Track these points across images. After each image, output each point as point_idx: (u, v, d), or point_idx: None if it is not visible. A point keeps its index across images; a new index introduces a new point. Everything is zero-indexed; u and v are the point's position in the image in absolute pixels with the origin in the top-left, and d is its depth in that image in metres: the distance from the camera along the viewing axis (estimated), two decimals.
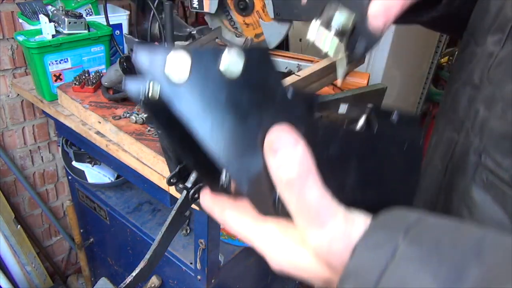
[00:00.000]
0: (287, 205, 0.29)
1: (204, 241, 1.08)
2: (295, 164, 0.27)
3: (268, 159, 0.28)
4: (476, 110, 0.49)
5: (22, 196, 1.68)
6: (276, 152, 0.28)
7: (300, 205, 0.28)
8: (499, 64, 0.46)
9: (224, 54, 0.26)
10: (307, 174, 0.28)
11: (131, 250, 1.46)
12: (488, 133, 0.46)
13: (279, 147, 0.27)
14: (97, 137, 1.08)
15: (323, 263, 0.29)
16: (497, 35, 0.47)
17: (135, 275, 0.40)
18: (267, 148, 0.28)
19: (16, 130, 1.54)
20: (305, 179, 0.28)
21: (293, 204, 0.28)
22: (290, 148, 0.27)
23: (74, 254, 1.97)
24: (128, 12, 1.42)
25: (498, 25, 0.47)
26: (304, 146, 0.28)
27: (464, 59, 0.53)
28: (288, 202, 0.29)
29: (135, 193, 1.48)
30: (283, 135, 0.28)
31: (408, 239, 0.26)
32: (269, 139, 0.28)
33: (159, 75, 0.26)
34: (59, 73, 1.21)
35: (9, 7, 1.34)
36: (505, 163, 0.44)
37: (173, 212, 0.41)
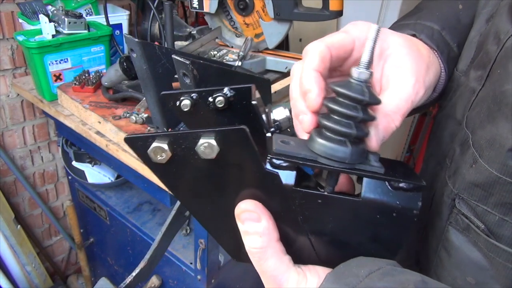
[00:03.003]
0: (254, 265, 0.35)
1: (204, 241, 1.08)
2: (255, 239, 0.33)
3: (238, 225, 0.34)
4: (454, 150, 0.47)
5: (22, 196, 1.68)
6: (243, 223, 0.33)
7: (259, 270, 0.35)
8: (477, 105, 0.43)
9: (202, 138, 0.29)
10: (266, 248, 0.33)
11: (131, 250, 1.46)
12: (461, 178, 0.44)
13: (244, 220, 0.33)
14: (97, 137, 1.08)
15: None
16: (479, 71, 0.44)
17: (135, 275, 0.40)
18: (237, 217, 0.34)
19: (16, 130, 1.54)
20: (264, 252, 0.33)
21: (255, 267, 0.35)
22: (255, 221, 0.33)
23: (74, 254, 1.97)
24: (128, 12, 1.42)
25: (481, 60, 0.45)
26: (268, 220, 0.33)
27: (448, 86, 0.51)
28: (253, 263, 0.35)
29: (135, 193, 1.48)
30: (248, 212, 0.33)
31: None
32: (238, 211, 0.34)
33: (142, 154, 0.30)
34: (59, 73, 1.21)
35: (9, 7, 1.34)
36: (478, 210, 0.43)
37: (173, 212, 0.41)
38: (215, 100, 0.36)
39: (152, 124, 1.01)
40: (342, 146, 0.32)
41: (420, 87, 0.39)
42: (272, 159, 0.32)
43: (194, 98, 0.37)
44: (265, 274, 0.34)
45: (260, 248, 0.33)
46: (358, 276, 0.31)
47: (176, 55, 0.45)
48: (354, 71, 0.32)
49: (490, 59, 0.42)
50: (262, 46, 1.22)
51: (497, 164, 0.39)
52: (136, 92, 1.09)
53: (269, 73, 1.22)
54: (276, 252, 0.34)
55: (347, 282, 0.31)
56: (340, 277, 0.33)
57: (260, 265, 0.34)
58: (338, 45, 0.38)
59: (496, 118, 0.39)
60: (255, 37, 1.23)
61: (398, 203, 0.34)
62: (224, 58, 1.15)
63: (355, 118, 0.32)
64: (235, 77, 0.47)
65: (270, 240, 0.33)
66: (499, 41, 0.41)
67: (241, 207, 0.33)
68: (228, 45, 1.27)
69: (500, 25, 0.42)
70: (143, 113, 1.04)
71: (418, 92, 0.38)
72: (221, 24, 1.26)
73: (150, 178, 0.98)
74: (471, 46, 0.47)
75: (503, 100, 0.38)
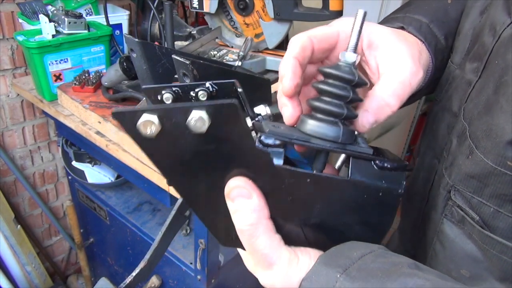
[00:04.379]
0: (243, 243, 0.34)
1: (204, 241, 1.08)
2: (246, 215, 0.32)
3: (229, 205, 0.33)
4: (451, 142, 0.47)
5: (22, 196, 1.68)
6: (233, 201, 0.32)
7: (249, 249, 0.34)
8: (475, 97, 0.43)
9: (193, 111, 0.28)
10: (257, 224, 0.32)
11: (131, 250, 1.46)
12: (457, 170, 0.45)
13: (235, 197, 0.32)
14: (97, 137, 1.08)
15: None
16: (475, 63, 0.44)
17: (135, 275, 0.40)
18: (226, 195, 0.33)
19: (16, 130, 1.54)
20: (255, 228, 0.32)
21: (245, 246, 0.34)
22: (246, 197, 0.32)
23: (74, 254, 1.97)
24: (128, 12, 1.42)
25: (476, 52, 0.45)
26: (258, 197, 0.32)
27: (444, 79, 0.51)
28: (242, 241, 0.34)
29: (135, 193, 1.48)
30: (238, 188, 0.32)
31: (345, 275, 0.30)
32: (227, 189, 0.33)
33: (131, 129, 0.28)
34: (59, 73, 1.21)
35: (9, 7, 1.34)
36: (473, 202, 0.43)
37: (173, 212, 0.41)
38: (197, 94, 0.36)
39: None
40: (334, 126, 0.34)
41: (419, 69, 0.39)
42: (262, 136, 0.33)
43: (176, 92, 0.36)
44: (256, 253, 0.33)
45: (250, 225, 0.32)
46: (350, 258, 0.32)
47: (176, 55, 0.45)
48: (342, 55, 0.34)
49: (486, 51, 0.42)
50: (262, 46, 1.22)
51: (493, 155, 0.39)
52: (136, 92, 1.09)
53: (269, 73, 1.22)
54: (267, 229, 0.33)
55: (340, 263, 0.31)
56: (332, 258, 0.33)
57: (251, 244, 0.33)
58: (321, 37, 0.38)
59: (492, 109, 0.39)
60: (255, 37, 1.23)
61: (384, 183, 0.35)
62: (224, 58, 1.15)
63: (346, 98, 0.34)
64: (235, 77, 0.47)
65: (261, 217, 0.33)
66: (495, 32, 0.41)
67: (231, 185, 0.32)
68: (228, 45, 1.27)
69: (495, 16, 0.42)
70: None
71: (417, 73, 0.38)
72: (221, 24, 1.26)
73: (150, 178, 0.98)
74: (466, 39, 0.48)
75: (500, 90, 0.38)
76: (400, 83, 0.37)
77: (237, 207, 0.32)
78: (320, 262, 0.33)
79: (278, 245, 0.34)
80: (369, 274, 0.30)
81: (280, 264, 0.33)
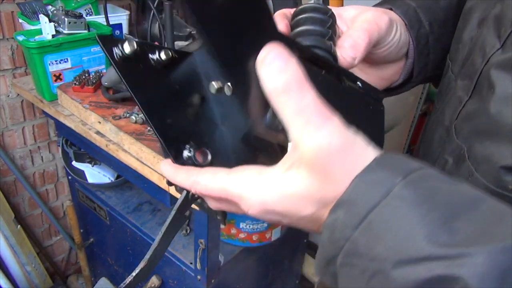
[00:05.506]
0: (283, 114, 0.28)
1: (204, 241, 1.08)
2: (294, 69, 0.28)
3: (262, 72, 0.28)
4: (445, 161, 0.46)
5: (22, 196, 1.68)
6: (271, 63, 0.28)
7: (298, 106, 0.27)
8: (467, 119, 0.43)
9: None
10: (303, 80, 0.28)
11: (131, 250, 1.46)
12: None
13: (275, 59, 0.28)
14: (97, 137, 1.08)
15: (316, 172, 0.28)
16: (466, 81, 0.44)
17: (135, 275, 0.40)
18: (260, 63, 0.28)
19: (16, 130, 1.54)
20: (304, 81, 0.28)
21: (291, 108, 0.28)
22: (286, 59, 0.28)
23: (74, 254, 1.96)
24: (128, 12, 1.42)
25: (467, 70, 0.44)
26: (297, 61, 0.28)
27: (443, 85, 0.51)
28: (284, 109, 0.28)
29: (135, 193, 1.48)
30: (277, 49, 0.28)
31: (405, 181, 0.26)
32: (263, 55, 0.28)
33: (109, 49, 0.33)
34: (59, 73, 1.21)
35: (9, 7, 1.34)
36: None
37: (173, 212, 0.41)
38: (159, 54, 0.36)
39: None
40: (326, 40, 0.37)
41: (382, 13, 0.42)
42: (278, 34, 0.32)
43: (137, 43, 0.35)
44: (304, 113, 0.27)
45: (298, 79, 0.28)
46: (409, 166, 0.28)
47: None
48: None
49: (476, 71, 0.42)
50: None
51: (494, 179, 0.39)
52: None
53: None
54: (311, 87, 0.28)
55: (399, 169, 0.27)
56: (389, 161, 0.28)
57: (299, 101, 0.27)
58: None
59: (491, 134, 0.39)
60: None
61: (372, 96, 0.38)
62: None
63: (326, 22, 0.37)
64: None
65: (305, 76, 0.28)
66: (485, 53, 0.41)
67: (267, 49, 0.28)
68: None
69: (487, 36, 0.42)
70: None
71: (381, 16, 0.42)
72: None
73: (150, 178, 0.98)
74: (464, 49, 0.47)
75: (499, 121, 0.38)
76: (364, 22, 0.41)
77: (278, 65, 0.28)
78: (377, 162, 0.28)
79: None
80: (431, 185, 0.27)
81: (334, 124, 0.28)
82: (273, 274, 1.66)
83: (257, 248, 1.39)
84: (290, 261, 1.77)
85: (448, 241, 0.24)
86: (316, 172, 0.28)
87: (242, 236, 1.33)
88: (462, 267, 0.22)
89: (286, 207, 0.30)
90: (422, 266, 0.24)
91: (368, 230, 0.26)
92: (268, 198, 0.30)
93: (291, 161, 0.29)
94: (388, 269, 0.25)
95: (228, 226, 1.30)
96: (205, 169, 0.34)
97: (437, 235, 0.24)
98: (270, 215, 0.31)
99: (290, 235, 1.55)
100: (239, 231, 1.32)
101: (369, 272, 0.26)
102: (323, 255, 0.29)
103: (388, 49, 0.46)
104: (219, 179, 0.32)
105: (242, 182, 0.31)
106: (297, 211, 0.30)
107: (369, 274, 0.26)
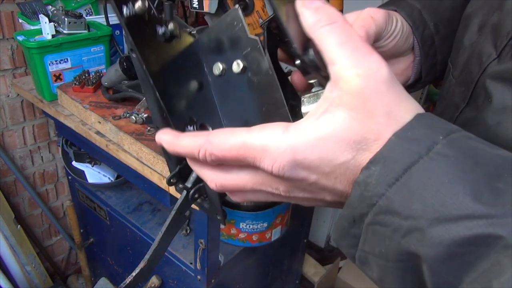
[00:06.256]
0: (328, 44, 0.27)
1: (204, 241, 1.08)
2: (333, 8, 0.27)
3: (304, 12, 0.28)
4: None
5: (22, 196, 1.68)
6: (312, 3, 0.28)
7: (345, 34, 0.27)
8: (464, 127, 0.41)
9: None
10: (344, 18, 0.28)
11: (131, 250, 1.46)
12: None
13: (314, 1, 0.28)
14: (97, 137, 1.08)
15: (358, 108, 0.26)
16: (463, 87, 0.44)
17: (135, 275, 0.40)
18: (302, 4, 0.28)
19: (16, 130, 1.54)
20: (344, 19, 0.28)
21: (338, 36, 0.27)
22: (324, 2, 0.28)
23: (74, 254, 1.97)
24: None
25: (464, 77, 0.44)
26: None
27: (443, 89, 0.51)
28: (329, 38, 0.27)
29: (135, 193, 1.48)
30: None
31: (448, 140, 0.25)
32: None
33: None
34: (59, 73, 1.21)
35: (9, 7, 1.34)
36: None
37: (173, 212, 0.41)
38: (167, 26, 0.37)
39: (152, 124, 1.01)
40: None
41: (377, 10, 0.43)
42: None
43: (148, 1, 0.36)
44: (353, 39, 0.27)
45: (340, 15, 0.28)
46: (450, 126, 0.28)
47: None
48: None
49: (473, 79, 0.42)
50: None
51: None
52: (136, 92, 1.09)
53: None
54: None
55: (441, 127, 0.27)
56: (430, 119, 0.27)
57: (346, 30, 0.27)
58: None
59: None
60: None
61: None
62: None
63: None
64: None
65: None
66: (481, 62, 0.40)
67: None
68: None
69: (484, 45, 0.41)
70: (143, 113, 1.04)
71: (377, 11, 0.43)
72: None
73: (150, 178, 0.98)
74: (464, 54, 0.47)
75: (497, 132, 0.38)
76: (359, 20, 0.41)
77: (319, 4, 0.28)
78: (418, 119, 0.27)
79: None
80: (473, 145, 0.26)
81: (377, 56, 0.27)
82: (273, 274, 1.66)
83: (257, 248, 1.39)
84: (290, 261, 1.77)
85: (491, 200, 0.23)
86: (359, 107, 0.26)
87: (242, 236, 1.32)
88: (505, 227, 0.22)
89: (321, 155, 0.27)
90: (463, 223, 0.23)
91: (405, 186, 0.25)
92: (299, 147, 0.27)
93: (326, 104, 0.27)
94: (424, 226, 0.24)
95: (228, 226, 1.30)
96: (219, 130, 0.30)
97: (480, 193, 0.23)
98: (298, 170, 0.27)
99: (290, 235, 1.55)
100: (239, 231, 1.32)
101: (401, 231, 0.25)
102: (349, 214, 0.28)
103: (394, 39, 0.46)
104: (238, 135, 0.28)
105: (267, 134, 0.28)
106: (333, 158, 0.27)
107: (402, 233, 0.25)
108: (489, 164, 0.25)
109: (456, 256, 0.23)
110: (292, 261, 1.80)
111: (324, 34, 0.27)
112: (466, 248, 0.23)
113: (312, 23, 0.27)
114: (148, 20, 0.34)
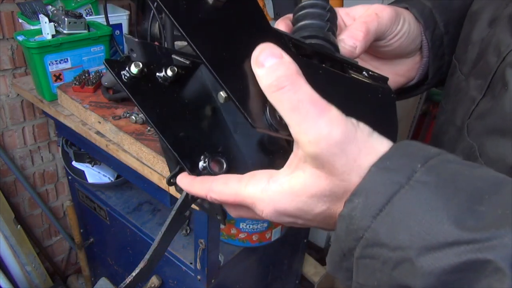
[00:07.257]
0: (281, 109, 0.28)
1: (204, 241, 1.08)
2: (286, 66, 0.28)
3: (257, 72, 0.29)
4: None
5: (22, 196, 1.68)
6: (265, 61, 0.28)
7: (293, 102, 0.27)
8: (480, 118, 0.43)
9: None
10: (297, 74, 0.28)
11: (131, 250, 1.46)
12: None
13: (267, 57, 0.28)
14: (97, 137, 1.08)
15: (320, 167, 0.28)
16: (479, 80, 0.44)
17: (135, 275, 0.40)
18: (255, 63, 0.29)
19: (16, 130, 1.54)
20: (297, 77, 0.28)
21: (287, 102, 0.27)
22: (278, 57, 0.28)
23: (74, 254, 1.97)
24: (128, 12, 1.42)
25: (481, 69, 0.44)
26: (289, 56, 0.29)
27: (451, 86, 0.51)
28: (281, 104, 0.28)
29: (135, 193, 1.48)
30: (270, 48, 0.29)
31: (426, 167, 0.26)
32: (255, 54, 0.29)
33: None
34: (59, 73, 1.21)
35: (9, 7, 1.34)
36: None
37: (173, 212, 0.41)
38: (166, 71, 0.37)
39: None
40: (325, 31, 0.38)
41: (385, 7, 0.43)
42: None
43: (143, 64, 0.36)
44: (302, 103, 0.27)
45: (291, 74, 0.27)
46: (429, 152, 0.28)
47: (176, 55, 0.45)
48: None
49: (491, 70, 0.41)
50: None
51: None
52: None
53: None
54: (306, 82, 0.28)
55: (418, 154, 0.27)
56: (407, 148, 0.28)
57: (295, 95, 0.27)
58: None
59: (505, 133, 0.39)
60: None
61: (380, 83, 0.39)
62: None
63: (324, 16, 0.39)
64: None
65: (299, 71, 0.28)
66: (500, 53, 0.41)
67: (260, 48, 0.29)
68: None
69: (501, 35, 0.41)
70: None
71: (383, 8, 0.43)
72: None
73: (150, 178, 0.98)
74: (474, 50, 0.47)
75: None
76: (364, 15, 0.42)
77: (271, 63, 0.28)
78: (395, 148, 0.27)
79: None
80: (452, 170, 0.26)
81: (333, 112, 0.27)
82: (273, 274, 1.66)
83: (257, 248, 1.39)
84: (290, 261, 1.77)
85: (475, 224, 0.23)
86: (320, 167, 0.28)
87: (242, 236, 1.32)
88: (492, 250, 0.22)
89: (298, 207, 0.29)
90: (450, 251, 0.23)
91: (389, 216, 0.25)
92: (279, 201, 0.30)
93: (296, 160, 0.29)
94: (413, 257, 0.24)
95: (228, 226, 1.30)
96: (218, 177, 0.34)
97: (464, 219, 0.23)
98: (284, 218, 0.31)
99: (290, 235, 1.55)
100: (239, 231, 1.32)
101: (391, 263, 0.25)
102: (338, 248, 0.28)
103: (399, 40, 0.46)
104: (231, 186, 0.33)
105: (253, 188, 0.31)
106: (309, 210, 0.29)
107: (391, 265, 0.25)
108: (469, 188, 0.25)
109: (448, 285, 0.23)
110: (292, 261, 1.80)
111: (277, 99, 0.28)
112: (457, 275, 0.23)
113: (265, 86, 0.28)
114: (147, 73, 0.36)
